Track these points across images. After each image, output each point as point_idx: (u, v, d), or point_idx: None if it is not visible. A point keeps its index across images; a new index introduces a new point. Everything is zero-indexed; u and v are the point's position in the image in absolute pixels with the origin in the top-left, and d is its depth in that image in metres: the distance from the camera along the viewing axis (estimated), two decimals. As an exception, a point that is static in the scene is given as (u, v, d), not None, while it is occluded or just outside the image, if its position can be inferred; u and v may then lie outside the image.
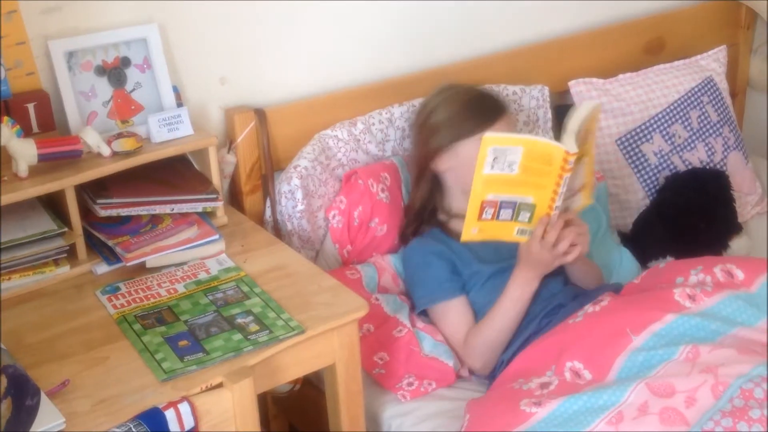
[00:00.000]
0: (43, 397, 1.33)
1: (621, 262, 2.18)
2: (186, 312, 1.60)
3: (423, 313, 1.95)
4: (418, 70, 2.28)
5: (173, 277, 1.70)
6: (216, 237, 1.77)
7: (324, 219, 2.05)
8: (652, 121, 2.42)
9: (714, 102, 2.53)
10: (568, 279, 1.94)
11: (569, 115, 1.73)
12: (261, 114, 2.01)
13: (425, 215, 2.01)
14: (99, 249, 1.75)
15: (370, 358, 1.84)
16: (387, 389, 1.84)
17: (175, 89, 1.91)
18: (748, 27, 2.85)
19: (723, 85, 2.61)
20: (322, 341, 1.58)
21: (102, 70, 1.84)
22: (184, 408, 1.35)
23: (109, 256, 1.73)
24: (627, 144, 2.39)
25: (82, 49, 1.81)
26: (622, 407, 1.50)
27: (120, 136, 1.77)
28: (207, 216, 1.83)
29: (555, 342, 1.70)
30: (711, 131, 2.49)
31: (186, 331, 1.54)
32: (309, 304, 1.61)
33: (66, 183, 1.67)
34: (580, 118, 1.72)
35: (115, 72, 1.86)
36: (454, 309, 1.89)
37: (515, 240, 1.78)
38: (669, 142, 2.42)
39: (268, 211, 2.02)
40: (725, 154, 2.51)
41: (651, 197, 2.38)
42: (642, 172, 2.39)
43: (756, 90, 2.94)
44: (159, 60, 1.88)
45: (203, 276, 1.71)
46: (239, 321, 1.56)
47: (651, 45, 2.64)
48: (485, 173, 1.68)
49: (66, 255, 1.71)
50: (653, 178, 2.38)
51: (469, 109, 1.93)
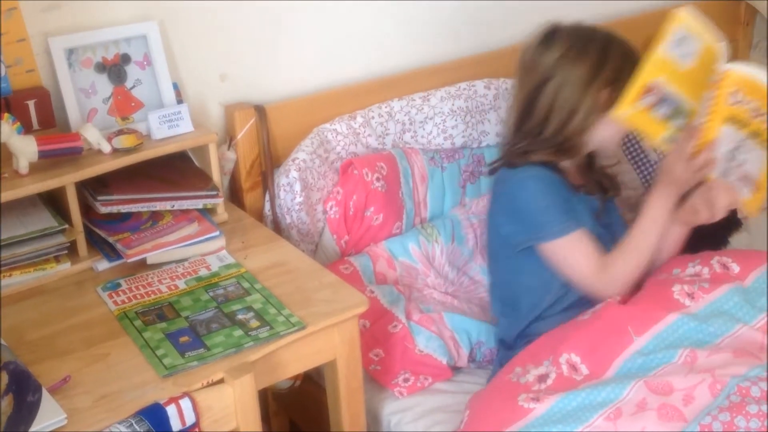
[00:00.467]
0: (45, 394, 1.34)
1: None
2: (187, 308, 1.60)
3: (526, 250, 1.78)
4: (417, 66, 2.28)
5: (174, 274, 1.70)
6: (216, 233, 1.78)
7: (323, 212, 2.05)
8: (651, 117, 2.42)
9: (713, 98, 2.53)
10: None
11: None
12: (261, 111, 2.01)
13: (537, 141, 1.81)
14: (100, 246, 1.76)
15: (365, 354, 1.84)
16: (383, 385, 1.84)
17: (175, 86, 1.92)
18: (747, 23, 2.86)
19: (722, 81, 2.60)
20: (322, 337, 1.58)
21: (102, 67, 1.85)
22: (185, 403, 1.35)
23: (110, 252, 1.74)
24: (626, 140, 2.39)
25: (82, 46, 1.81)
26: (620, 404, 1.51)
27: (120, 132, 1.77)
28: (207, 213, 1.84)
29: (556, 332, 1.70)
30: (710, 127, 2.49)
31: (187, 327, 1.54)
32: (309, 300, 1.61)
33: (66, 180, 1.67)
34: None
35: (115, 69, 1.86)
36: (585, 238, 1.74)
37: (659, 145, 1.64)
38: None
39: (267, 206, 2.03)
40: (725, 150, 2.51)
41: (651, 193, 2.38)
42: (642, 168, 2.39)
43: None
44: (159, 57, 1.88)
45: (204, 272, 1.71)
46: (240, 317, 1.56)
47: (650, 41, 2.63)
48: (663, 53, 1.52)
49: (67, 252, 1.71)
50: (653, 174, 2.39)
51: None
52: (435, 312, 1.94)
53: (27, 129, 1.73)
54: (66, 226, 1.69)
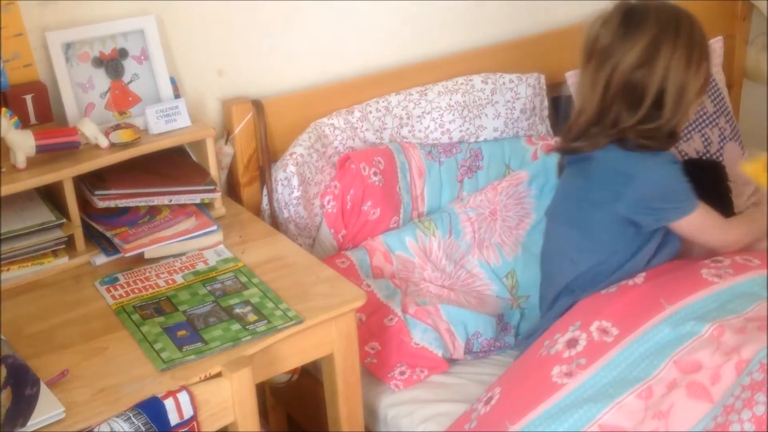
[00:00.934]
0: (43, 387, 1.34)
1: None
2: (184, 302, 1.60)
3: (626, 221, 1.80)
4: (415, 61, 2.28)
5: (171, 268, 1.71)
6: (214, 228, 1.78)
7: (320, 206, 2.06)
8: (648, 112, 2.42)
9: (711, 93, 2.54)
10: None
11: None
12: (258, 105, 2.01)
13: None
14: (97, 240, 1.76)
15: (361, 348, 1.84)
16: (379, 379, 1.85)
17: (173, 81, 1.92)
18: (744, 18, 2.86)
19: (719, 76, 2.61)
20: (320, 331, 1.58)
21: (99, 61, 1.85)
22: (183, 397, 1.36)
23: (108, 247, 1.74)
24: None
25: (79, 41, 1.81)
26: (651, 382, 1.54)
27: (117, 127, 1.77)
28: (205, 207, 1.84)
29: (584, 305, 1.73)
30: (707, 122, 2.50)
31: (185, 321, 1.55)
32: (307, 294, 1.62)
33: (64, 174, 1.67)
34: None
35: (113, 63, 1.86)
36: (709, 209, 1.82)
37: None
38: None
39: (264, 200, 2.03)
40: (721, 144, 2.51)
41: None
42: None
43: (752, 81, 2.95)
44: (156, 51, 1.88)
45: (201, 267, 1.71)
46: (237, 311, 1.57)
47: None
48: None
49: (64, 246, 1.71)
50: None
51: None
52: (431, 305, 1.94)
53: (24, 123, 1.73)
54: (64, 220, 1.69)
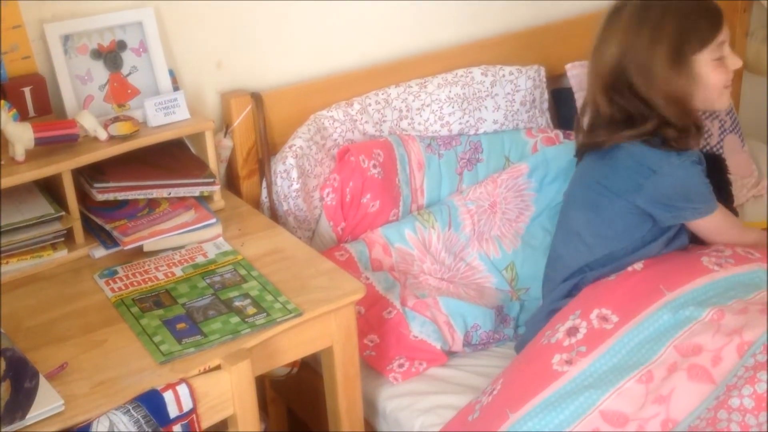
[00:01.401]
0: (42, 380, 1.34)
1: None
2: (184, 295, 1.60)
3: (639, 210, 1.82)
4: (414, 54, 2.28)
5: (171, 261, 1.71)
6: (213, 221, 1.78)
7: (319, 198, 2.06)
8: (648, 105, 2.41)
9: (710, 85, 2.53)
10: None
11: None
12: (257, 98, 2.01)
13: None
14: (96, 233, 1.76)
15: (360, 340, 1.84)
16: (378, 371, 1.85)
17: (171, 73, 1.91)
18: (744, 10, 2.85)
19: (719, 69, 2.60)
20: (319, 324, 1.58)
21: (98, 53, 1.84)
22: (182, 390, 1.36)
23: (107, 240, 1.74)
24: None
25: (77, 33, 1.81)
26: (651, 366, 1.55)
27: (116, 120, 1.77)
28: (204, 200, 1.84)
29: (584, 294, 1.74)
30: (707, 114, 2.49)
31: (184, 314, 1.54)
32: (306, 287, 1.62)
33: (63, 167, 1.67)
34: None
35: (111, 56, 1.86)
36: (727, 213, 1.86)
37: None
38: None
39: (264, 193, 2.03)
40: (722, 137, 2.51)
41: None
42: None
43: (752, 73, 2.94)
44: (155, 44, 1.88)
45: (201, 260, 1.71)
46: (237, 304, 1.57)
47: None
48: None
49: (63, 239, 1.71)
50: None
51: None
52: (430, 297, 1.94)
53: (23, 116, 1.72)
54: (62, 213, 1.69)
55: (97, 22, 1.82)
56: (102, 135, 1.73)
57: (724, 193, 2.34)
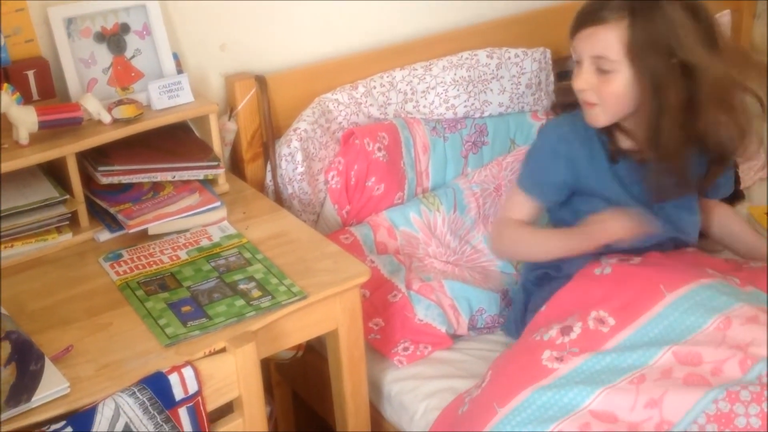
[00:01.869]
0: (47, 363, 1.34)
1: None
2: (188, 278, 1.60)
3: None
4: (420, 36, 2.26)
5: (175, 244, 1.70)
6: (218, 204, 1.77)
7: (324, 182, 2.05)
8: (654, 87, 2.40)
9: (717, 67, 2.51)
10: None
11: None
12: (262, 81, 2.00)
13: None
14: (101, 216, 1.75)
15: (365, 324, 1.83)
16: (383, 355, 1.85)
17: (175, 56, 1.90)
18: (751, -8, 2.83)
19: (726, 51, 2.58)
20: (324, 307, 1.58)
21: (101, 36, 1.84)
22: (187, 372, 1.36)
23: (111, 223, 1.73)
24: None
25: (81, 16, 1.80)
26: (645, 370, 1.49)
27: (120, 103, 1.76)
28: (208, 183, 1.83)
29: (581, 293, 1.67)
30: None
31: (189, 297, 1.54)
32: (311, 270, 1.61)
33: (67, 150, 1.66)
34: None
35: (115, 39, 1.85)
36: (523, 200, 1.81)
37: None
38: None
39: (268, 176, 2.02)
40: (728, 119, 2.49)
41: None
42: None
43: (759, 55, 2.92)
44: (158, 26, 1.87)
45: (205, 243, 1.71)
46: (242, 287, 1.56)
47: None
48: None
49: (68, 222, 1.71)
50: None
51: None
52: (435, 280, 1.94)
53: (27, 99, 1.72)
54: (67, 196, 1.69)
55: (101, 5, 1.81)
56: (106, 118, 1.73)
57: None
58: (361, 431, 1.74)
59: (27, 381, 1.28)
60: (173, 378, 1.35)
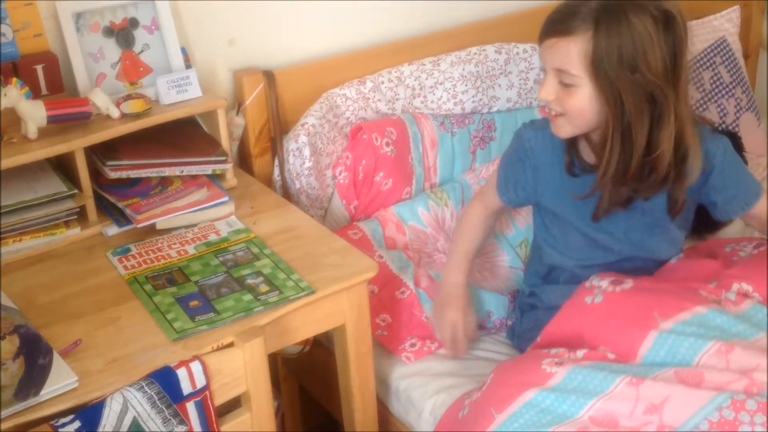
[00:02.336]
0: (56, 357, 1.35)
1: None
2: (196, 273, 1.60)
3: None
4: (429, 31, 2.26)
5: (183, 239, 1.71)
6: (225, 199, 1.78)
7: (332, 177, 2.05)
8: (663, 83, 2.39)
9: (727, 63, 2.51)
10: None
11: None
12: (270, 76, 2.00)
13: None
14: (109, 211, 1.76)
15: (372, 320, 1.82)
16: (390, 351, 1.85)
17: (184, 51, 1.91)
18: (762, -13, 2.82)
19: (736, 46, 2.58)
20: (331, 302, 1.58)
21: (110, 31, 1.84)
22: (195, 367, 1.36)
23: (120, 218, 1.74)
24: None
25: (89, 11, 1.80)
26: (647, 378, 1.46)
27: (129, 98, 1.76)
28: (216, 178, 1.84)
29: (575, 326, 1.62)
30: (723, 92, 2.47)
31: (197, 292, 1.55)
32: (318, 265, 1.61)
33: (75, 145, 1.67)
34: None
35: (123, 33, 1.85)
36: (493, 192, 1.82)
37: None
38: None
39: (276, 171, 2.02)
40: (737, 115, 2.49)
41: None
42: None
43: (770, 51, 2.91)
44: (167, 21, 1.87)
45: (213, 238, 1.71)
46: (249, 282, 1.57)
47: (663, 5, 2.60)
48: None
49: (76, 217, 1.71)
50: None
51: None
52: (444, 281, 1.94)
53: (35, 94, 1.72)
54: (75, 191, 1.69)
55: (109, -1, 1.82)
56: (114, 113, 1.73)
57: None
58: (368, 426, 1.74)
59: (35, 375, 1.29)
60: (181, 372, 1.35)
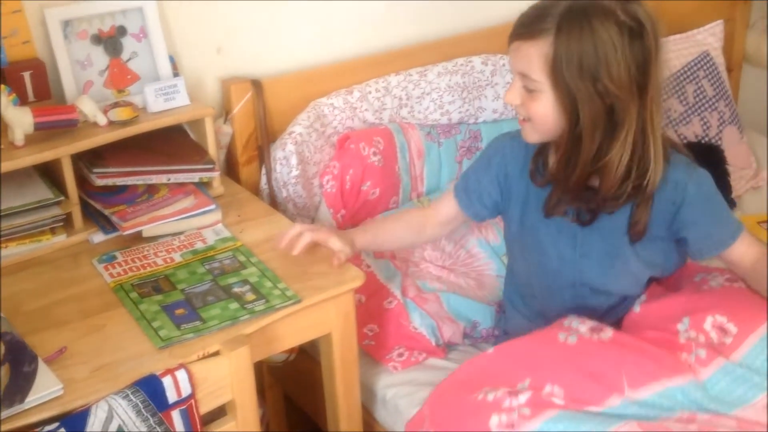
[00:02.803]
0: (41, 364, 1.34)
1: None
2: (183, 281, 1.60)
3: None
4: (414, 42, 2.27)
5: (170, 247, 1.71)
6: (212, 207, 1.78)
7: (319, 186, 2.06)
8: (648, 95, 2.41)
9: (710, 76, 2.53)
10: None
11: None
12: (257, 85, 2.01)
13: None
14: (95, 218, 1.76)
15: (360, 329, 1.83)
16: (377, 360, 1.85)
17: (171, 59, 1.91)
18: (744, 1, 2.85)
19: (719, 60, 2.61)
20: (318, 311, 1.59)
21: (98, 39, 1.84)
22: (181, 375, 1.36)
23: (106, 225, 1.74)
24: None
25: (78, 18, 1.80)
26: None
27: (116, 105, 1.77)
28: (203, 186, 1.84)
29: (539, 355, 1.54)
30: (707, 105, 2.49)
31: (183, 300, 1.55)
32: (305, 273, 1.62)
33: (62, 152, 1.67)
34: None
35: (111, 41, 1.85)
36: (449, 200, 1.78)
37: None
38: (664, 116, 2.40)
39: (263, 179, 2.03)
40: (720, 128, 2.51)
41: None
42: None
43: (752, 65, 2.94)
44: (155, 29, 1.87)
45: (200, 246, 1.71)
46: (236, 290, 1.57)
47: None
48: None
49: (62, 224, 1.71)
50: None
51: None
52: (431, 293, 1.94)
53: (23, 100, 1.72)
54: (62, 198, 1.69)
55: (98, 7, 1.82)
56: (101, 120, 1.73)
57: (723, 184, 2.36)
58: (353, 433, 1.75)
59: (20, 382, 1.28)
60: (167, 381, 1.35)
